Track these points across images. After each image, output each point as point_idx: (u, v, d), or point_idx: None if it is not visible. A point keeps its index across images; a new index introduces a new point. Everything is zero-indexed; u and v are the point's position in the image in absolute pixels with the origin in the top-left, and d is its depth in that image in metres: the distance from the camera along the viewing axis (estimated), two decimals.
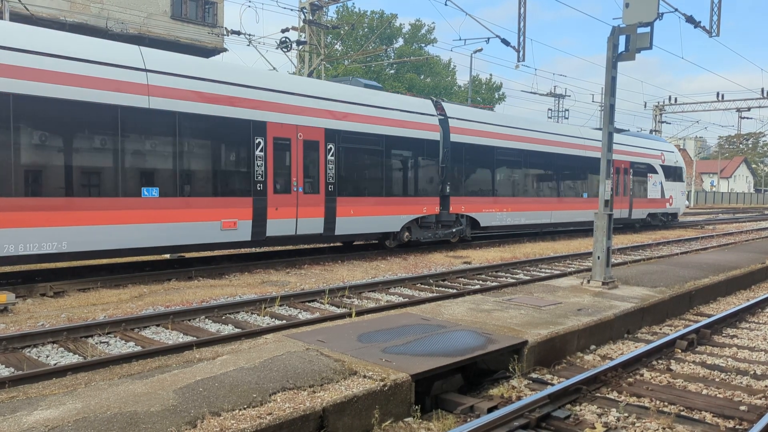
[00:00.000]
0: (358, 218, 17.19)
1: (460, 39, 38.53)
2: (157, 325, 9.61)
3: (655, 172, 31.39)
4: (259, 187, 14.75)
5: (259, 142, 14.73)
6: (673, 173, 33.02)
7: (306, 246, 19.02)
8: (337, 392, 5.37)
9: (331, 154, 16.40)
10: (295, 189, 15.54)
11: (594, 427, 5.57)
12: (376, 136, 17.49)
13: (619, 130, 31.55)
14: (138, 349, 8.31)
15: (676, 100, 56.39)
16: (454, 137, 20.02)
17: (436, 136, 19.49)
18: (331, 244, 19.28)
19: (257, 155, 14.69)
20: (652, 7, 10.74)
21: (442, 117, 19.92)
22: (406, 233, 18.85)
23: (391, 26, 52.48)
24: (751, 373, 7.46)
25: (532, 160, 23.55)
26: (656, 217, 32.38)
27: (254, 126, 14.59)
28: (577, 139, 26.25)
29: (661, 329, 9.87)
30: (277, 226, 15.17)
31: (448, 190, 19.85)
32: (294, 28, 29.85)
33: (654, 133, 53.70)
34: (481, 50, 38.58)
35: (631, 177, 29.36)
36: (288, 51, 28.81)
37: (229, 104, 14.11)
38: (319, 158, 16.10)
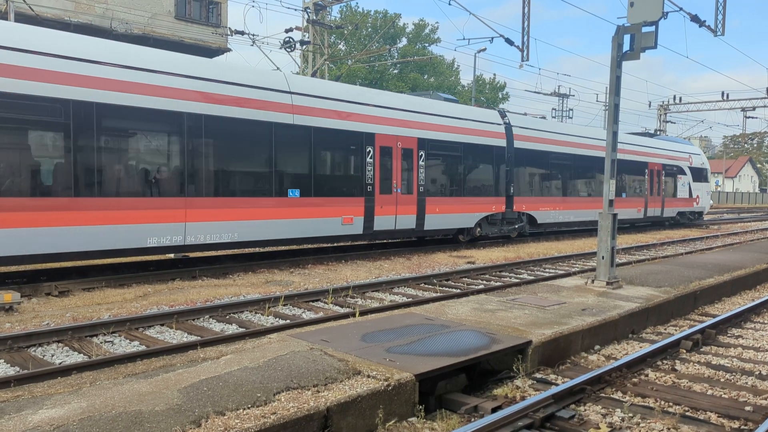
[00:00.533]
0: (442, 215, 19.80)
1: (463, 38, 38.60)
2: (162, 325, 9.63)
3: (684, 173, 33.86)
4: (369, 188, 17.50)
5: (369, 151, 17.47)
6: (699, 174, 35.49)
7: (310, 246, 19.06)
8: (341, 392, 5.38)
9: (421, 159, 19.00)
10: (395, 190, 18.22)
11: (598, 428, 5.56)
12: (455, 143, 20.06)
13: (651, 135, 36.03)
14: (142, 348, 8.33)
15: (680, 99, 56.26)
16: (517, 143, 22.74)
17: (502, 142, 22.11)
18: (334, 245, 19.33)
19: (368, 162, 17.45)
20: (657, 6, 10.72)
21: (507, 125, 22.58)
22: (478, 229, 21.45)
23: (394, 26, 52.46)
24: (757, 373, 7.43)
25: (580, 164, 26.21)
26: (684, 215, 34.61)
27: (366, 137, 17.33)
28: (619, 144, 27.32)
29: (665, 329, 9.85)
30: (382, 222, 17.91)
31: (512, 191, 22.52)
32: (298, 28, 29.84)
33: (658, 132, 53.62)
34: (484, 50, 38.51)
35: (663, 178, 32.00)
36: (292, 51, 28.81)
37: (348, 119, 16.91)
38: (413, 164, 18.78)
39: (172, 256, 16.07)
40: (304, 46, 29.89)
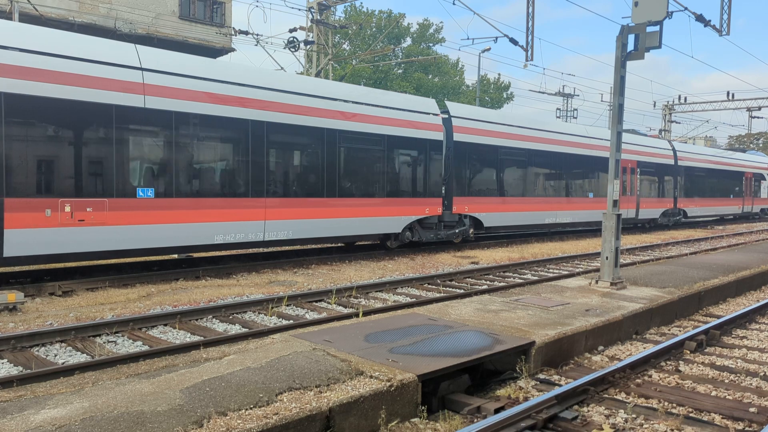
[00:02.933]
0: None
1: (468, 38, 38.57)
2: (165, 325, 9.64)
3: (763, 179, 43.93)
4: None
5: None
6: None
7: (314, 246, 19.07)
8: (344, 392, 5.37)
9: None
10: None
11: (601, 429, 5.54)
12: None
13: (743, 150, 48.02)
14: (145, 348, 8.33)
15: (685, 99, 56.05)
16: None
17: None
18: (338, 245, 19.33)
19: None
20: (662, 5, 10.68)
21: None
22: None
23: (399, 26, 52.41)
24: (761, 374, 7.40)
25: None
26: (765, 211, 45.02)
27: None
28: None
29: (669, 330, 9.81)
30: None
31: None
32: (302, 28, 29.85)
33: (663, 132, 53.49)
34: (489, 49, 38.44)
35: (751, 183, 41.75)
36: (296, 51, 28.83)
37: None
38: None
39: (176, 256, 16.09)
40: (308, 46, 29.90)
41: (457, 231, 20.23)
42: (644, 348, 8.44)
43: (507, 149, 22.16)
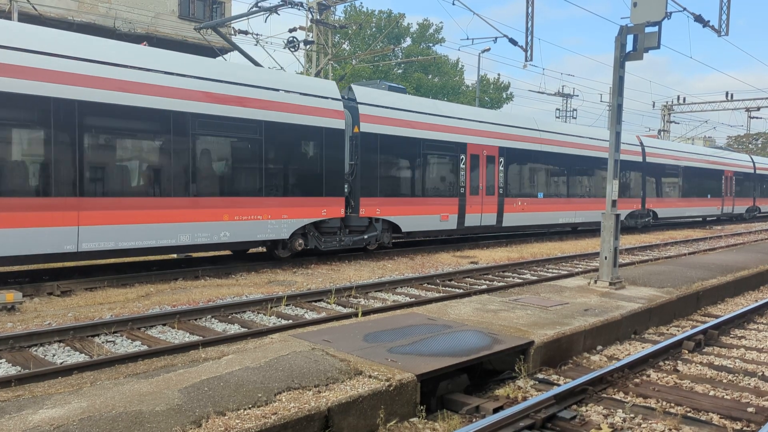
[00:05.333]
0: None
1: (467, 38, 38.57)
2: (164, 325, 9.64)
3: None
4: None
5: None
6: None
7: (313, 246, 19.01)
8: (343, 392, 5.37)
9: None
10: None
11: (600, 428, 5.55)
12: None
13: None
14: (144, 348, 8.33)
15: (684, 99, 56.04)
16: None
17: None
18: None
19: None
20: (660, 6, 10.69)
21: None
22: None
23: (398, 26, 52.39)
24: (759, 374, 7.40)
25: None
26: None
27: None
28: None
29: (668, 330, 9.82)
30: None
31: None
32: (301, 28, 29.85)
33: (662, 133, 53.48)
34: (488, 50, 38.47)
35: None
36: (295, 51, 28.79)
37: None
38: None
39: (175, 256, 16.08)
40: (308, 46, 29.90)
41: (366, 237, 17.62)
42: (643, 348, 8.45)
43: (432, 142, 19.50)
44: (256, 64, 16.79)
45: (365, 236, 17.61)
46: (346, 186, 16.87)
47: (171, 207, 13.09)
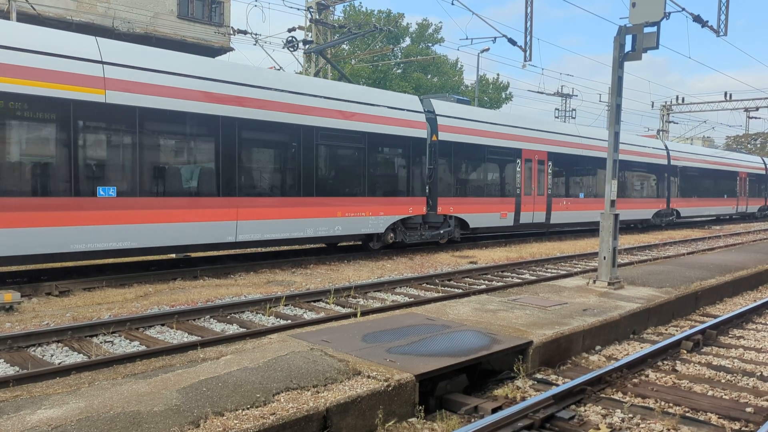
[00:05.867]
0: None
1: (467, 38, 38.55)
2: (162, 325, 9.63)
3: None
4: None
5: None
6: None
7: (312, 246, 19.07)
8: (341, 392, 5.36)
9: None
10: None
11: (598, 428, 5.55)
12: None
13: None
14: (142, 348, 8.32)
15: (683, 99, 56.00)
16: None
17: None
18: (339, 245, 19.30)
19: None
20: (659, 6, 10.69)
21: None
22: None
23: (398, 26, 52.37)
24: (758, 374, 7.41)
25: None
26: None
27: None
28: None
29: (666, 330, 9.82)
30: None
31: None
32: (300, 28, 29.82)
33: (661, 133, 53.49)
34: (488, 50, 38.47)
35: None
36: (294, 50, 28.79)
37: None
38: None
39: (173, 256, 16.07)
40: (307, 46, 29.88)
41: (442, 231, 19.96)
42: (641, 348, 8.45)
43: (495, 149, 21.99)
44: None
45: (441, 231, 20.12)
46: (426, 187, 19.37)
47: (302, 205, 15.83)
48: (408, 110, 18.81)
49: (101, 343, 8.66)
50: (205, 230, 13.80)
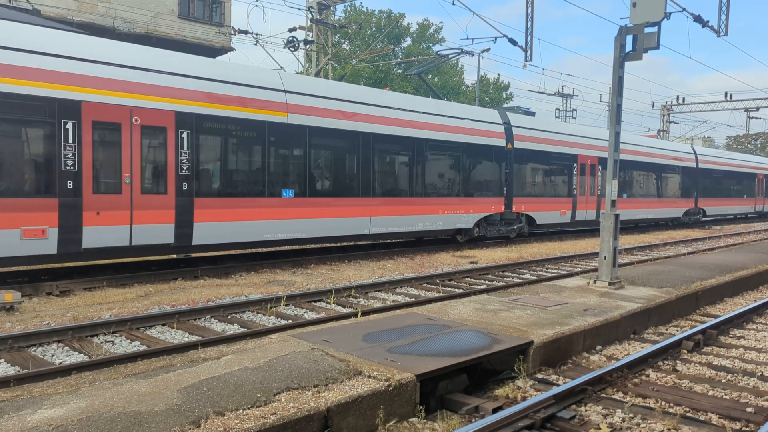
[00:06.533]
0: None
1: (467, 38, 38.55)
2: (163, 325, 9.64)
3: None
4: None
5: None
6: None
7: (313, 246, 19.08)
8: (342, 392, 5.37)
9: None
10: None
11: (599, 428, 5.55)
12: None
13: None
14: (143, 348, 8.33)
15: (683, 99, 56.00)
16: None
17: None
18: (338, 245, 19.37)
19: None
20: (660, 6, 10.69)
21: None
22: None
23: (398, 25, 52.34)
24: (758, 374, 7.41)
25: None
26: None
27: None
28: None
29: (667, 330, 9.82)
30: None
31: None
32: (301, 28, 29.83)
33: (661, 133, 53.49)
34: (488, 50, 38.49)
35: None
36: (295, 50, 28.80)
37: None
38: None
39: (174, 255, 16.09)
40: (308, 46, 29.88)
41: (515, 227, 22.98)
42: (642, 348, 8.45)
43: (556, 155, 25.20)
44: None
45: (515, 227, 23.00)
46: (504, 189, 22.28)
47: (415, 205, 18.97)
48: (491, 122, 22.12)
49: (102, 342, 8.66)
50: (351, 224, 17.04)
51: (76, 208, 11.82)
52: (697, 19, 17.75)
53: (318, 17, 29.56)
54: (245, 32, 26.56)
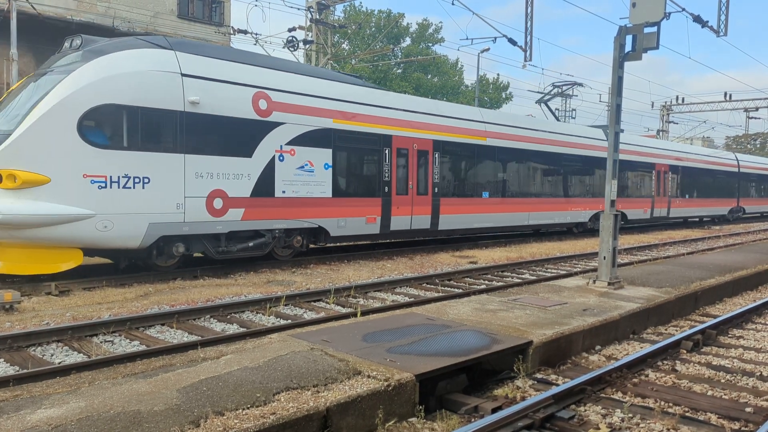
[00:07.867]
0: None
1: (467, 38, 38.53)
2: (162, 324, 9.63)
3: None
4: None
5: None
6: None
7: (313, 246, 19.05)
8: (341, 392, 5.37)
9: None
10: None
11: (598, 428, 5.55)
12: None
13: None
14: (142, 348, 8.32)
15: (683, 100, 56.07)
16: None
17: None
18: (338, 245, 19.41)
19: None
20: (659, 6, 10.69)
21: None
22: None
23: (398, 25, 52.34)
24: (757, 374, 7.41)
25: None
26: None
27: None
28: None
29: (666, 330, 9.83)
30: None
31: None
32: (301, 27, 29.85)
33: (661, 133, 53.51)
34: (488, 50, 38.46)
35: None
36: (295, 50, 28.83)
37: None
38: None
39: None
40: (308, 46, 29.90)
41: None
42: (641, 348, 8.46)
43: (639, 163, 30.55)
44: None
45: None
46: None
47: (556, 203, 25.27)
48: (599, 139, 27.74)
49: (101, 342, 8.66)
50: (517, 218, 22.99)
51: (389, 204, 17.78)
52: (697, 19, 17.78)
53: (317, 17, 29.57)
54: (245, 32, 26.60)
